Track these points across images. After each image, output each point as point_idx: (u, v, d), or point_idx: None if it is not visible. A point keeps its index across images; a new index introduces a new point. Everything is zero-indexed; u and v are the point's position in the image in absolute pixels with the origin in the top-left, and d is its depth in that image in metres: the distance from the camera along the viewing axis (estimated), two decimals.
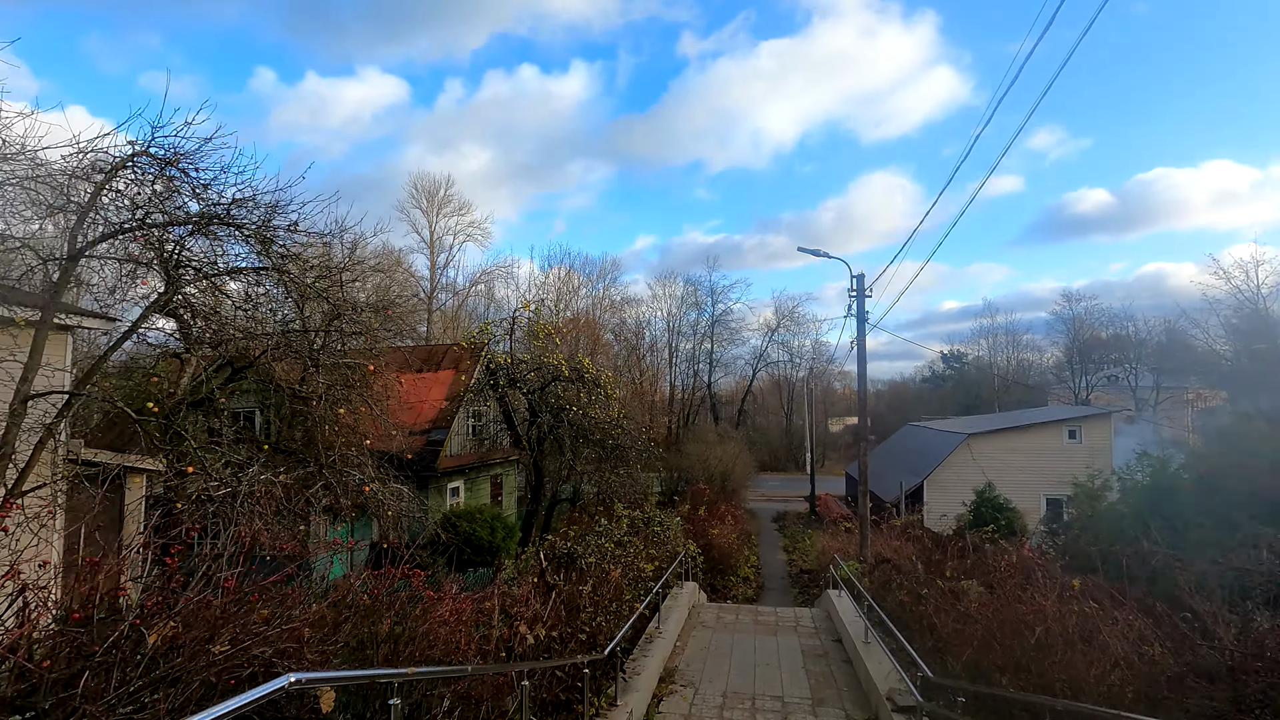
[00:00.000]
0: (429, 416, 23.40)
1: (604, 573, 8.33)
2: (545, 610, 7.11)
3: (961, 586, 9.41)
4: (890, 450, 36.45)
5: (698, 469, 31.66)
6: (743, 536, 24.34)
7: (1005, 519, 19.75)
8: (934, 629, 7.99)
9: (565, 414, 18.47)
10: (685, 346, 66.46)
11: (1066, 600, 6.40)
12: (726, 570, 20.31)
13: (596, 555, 8.62)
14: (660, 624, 10.35)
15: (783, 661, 9.98)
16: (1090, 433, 27.58)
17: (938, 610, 8.10)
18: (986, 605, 6.83)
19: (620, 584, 8.55)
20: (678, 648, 10.53)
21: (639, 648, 9.19)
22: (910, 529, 20.64)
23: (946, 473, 27.44)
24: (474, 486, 25.00)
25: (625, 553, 9.53)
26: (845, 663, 9.97)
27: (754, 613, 13.22)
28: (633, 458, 19.14)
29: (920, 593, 9.02)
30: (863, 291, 17.65)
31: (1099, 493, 15.03)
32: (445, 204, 62.98)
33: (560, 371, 19.08)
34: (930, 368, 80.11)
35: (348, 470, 10.35)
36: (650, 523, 13.19)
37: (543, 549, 8.56)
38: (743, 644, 10.85)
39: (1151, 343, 59.13)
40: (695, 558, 16.58)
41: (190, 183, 8.51)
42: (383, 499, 10.59)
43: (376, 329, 12.21)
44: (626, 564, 9.17)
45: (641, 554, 10.71)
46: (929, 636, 8.47)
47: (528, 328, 19.22)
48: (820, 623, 12.59)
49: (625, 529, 10.71)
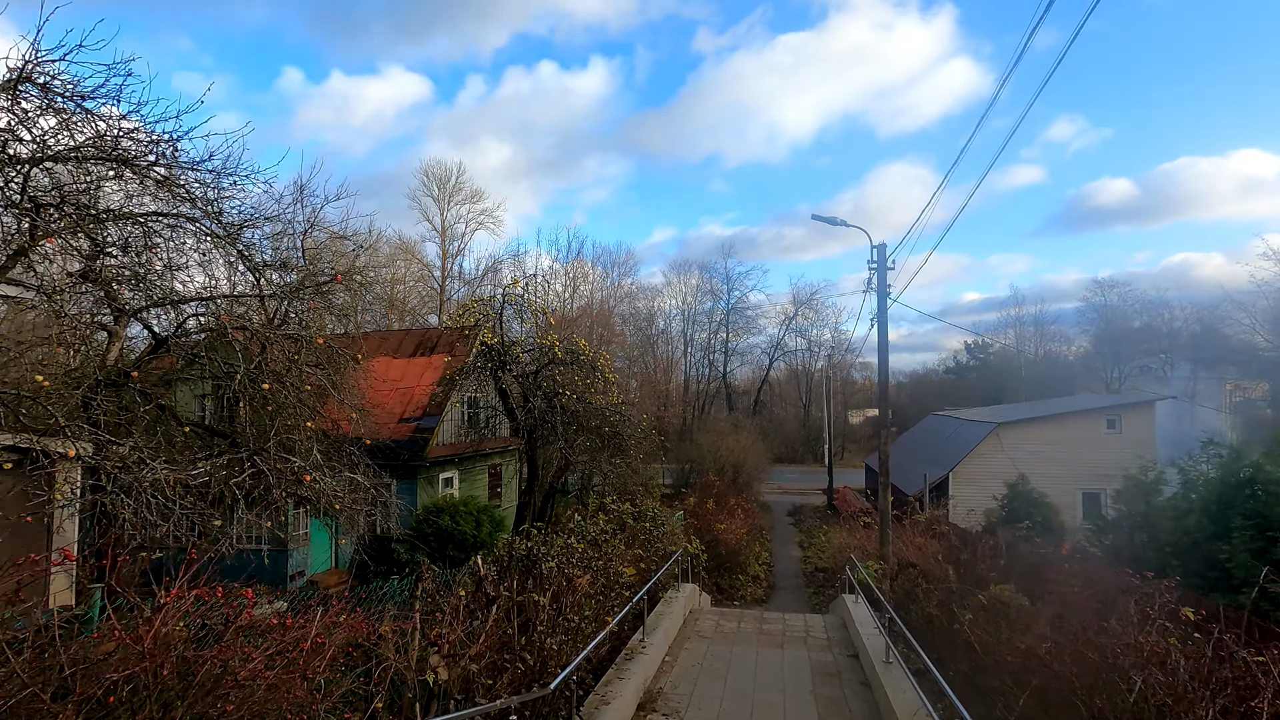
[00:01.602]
0: (420, 403, 22.15)
1: (568, 579, 6.90)
2: (486, 629, 5.67)
3: (1001, 594, 7.84)
4: (912, 441, 34.60)
5: (709, 460, 30.16)
6: (753, 531, 22.80)
7: (1041, 515, 17.99)
8: (973, 653, 6.45)
9: (559, 399, 17.04)
10: (700, 336, 64.91)
11: (1146, 627, 4.83)
12: (734, 568, 18.80)
13: (563, 557, 7.18)
14: (645, 636, 8.89)
15: (788, 683, 8.46)
16: (1131, 422, 25.57)
17: (975, 631, 6.53)
18: (1040, 633, 5.22)
19: (588, 593, 7.11)
20: (665, 664, 9.06)
21: (615, 667, 7.73)
22: (935, 525, 18.94)
23: (973, 465, 25.62)
24: (469, 477, 23.71)
25: (600, 554, 8.09)
26: (862, 685, 8.43)
27: (759, 620, 11.71)
28: (631, 446, 17.69)
29: (953, 608, 7.46)
30: (884, 263, 15.98)
31: (1153, 486, 13.28)
32: (456, 192, 61.97)
33: (554, 354, 17.63)
34: (954, 358, 77.64)
35: (286, 457, 8.99)
36: (642, 517, 11.74)
37: (497, 549, 7.17)
38: (743, 659, 9.35)
39: (1186, 332, 56.60)
40: (698, 556, 15.10)
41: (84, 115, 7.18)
42: (330, 490, 9.22)
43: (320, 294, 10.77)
44: (600, 568, 7.73)
45: (624, 555, 9.26)
46: (964, 659, 6.92)
47: (520, 306, 17.83)
48: (834, 633, 11.04)
49: (603, 525, 9.26)
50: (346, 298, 15.33)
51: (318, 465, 9.53)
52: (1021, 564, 11.17)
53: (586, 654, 6.31)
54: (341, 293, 13.63)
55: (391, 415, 22.20)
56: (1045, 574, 8.21)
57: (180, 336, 9.49)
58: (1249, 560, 8.64)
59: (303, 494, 9.06)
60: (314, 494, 8.94)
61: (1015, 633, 5.67)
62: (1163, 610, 4.65)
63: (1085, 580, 6.65)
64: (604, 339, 51.93)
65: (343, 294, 13.80)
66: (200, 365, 9.98)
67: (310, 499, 9.03)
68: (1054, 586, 8.36)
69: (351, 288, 13.33)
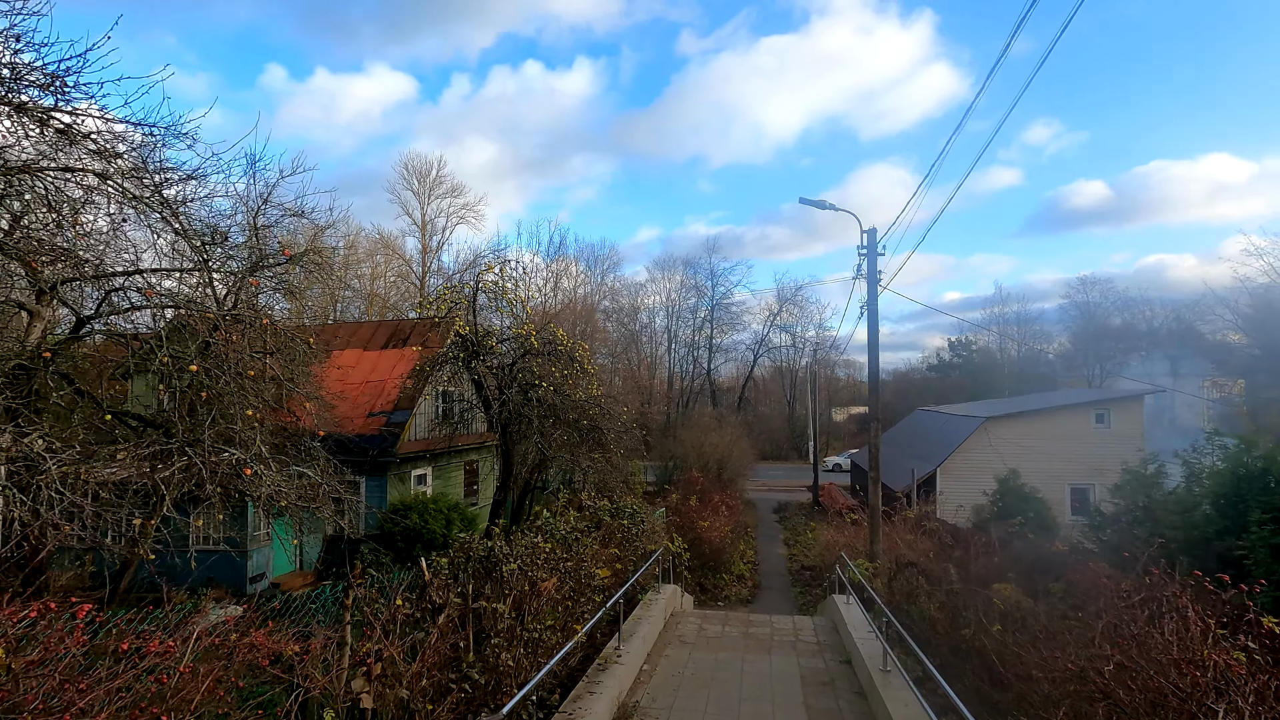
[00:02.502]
0: (391, 397, 21.20)
1: (532, 583, 6.11)
2: (431, 643, 4.86)
3: (1019, 599, 7.17)
4: (899, 437, 34.14)
5: (692, 456, 29.44)
6: (738, 529, 22.12)
7: (1034, 511, 17.47)
8: (983, 663, 5.74)
9: (535, 391, 16.19)
10: (685, 332, 64.29)
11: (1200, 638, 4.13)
12: (718, 567, 18.10)
13: (527, 558, 6.38)
14: (621, 643, 8.12)
15: (777, 693, 7.73)
16: (1120, 416, 25.22)
17: (988, 638, 5.82)
18: (1096, 649, 4.42)
19: (555, 597, 6.33)
20: (644, 674, 8.29)
21: (586, 680, 6.96)
22: (924, 521, 18.38)
23: (962, 460, 25.14)
24: (444, 474, 22.81)
25: (571, 554, 7.31)
26: (858, 696, 7.73)
27: (744, 623, 10.98)
28: (611, 441, 16.90)
29: (958, 611, 6.76)
30: (874, 248, 15.33)
31: (1153, 480, 12.74)
32: (437, 185, 60.89)
33: (530, 344, 16.78)
34: (937, 355, 77.76)
35: (225, 449, 8.09)
36: (619, 514, 10.97)
37: (452, 550, 6.37)
38: (727, 667, 8.62)
39: (1165, 330, 57.17)
40: (680, 555, 14.37)
41: None
42: (275, 486, 8.32)
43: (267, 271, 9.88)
44: (569, 569, 6.95)
45: (598, 555, 8.47)
46: (974, 669, 6.21)
47: (495, 294, 16.95)
48: (825, 636, 10.34)
49: (574, 523, 8.48)
50: (303, 278, 14.38)
51: (263, 459, 8.63)
52: (1019, 562, 10.56)
53: (551, 668, 5.53)
54: (300, 273, 12.72)
55: (361, 409, 21.23)
56: (1065, 574, 7.55)
57: (104, 315, 8.54)
58: (1268, 557, 8.08)
59: (242, 489, 8.16)
60: (255, 489, 8.03)
61: (1042, 643, 4.97)
62: (1219, 616, 3.99)
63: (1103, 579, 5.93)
64: (587, 334, 51.09)
65: (301, 274, 12.88)
66: (133, 349, 9.03)
67: (251, 495, 8.13)
68: (1073, 585, 7.71)
69: (307, 267, 12.42)
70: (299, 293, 13.86)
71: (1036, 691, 4.63)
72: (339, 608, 7.74)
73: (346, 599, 4.57)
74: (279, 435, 12.71)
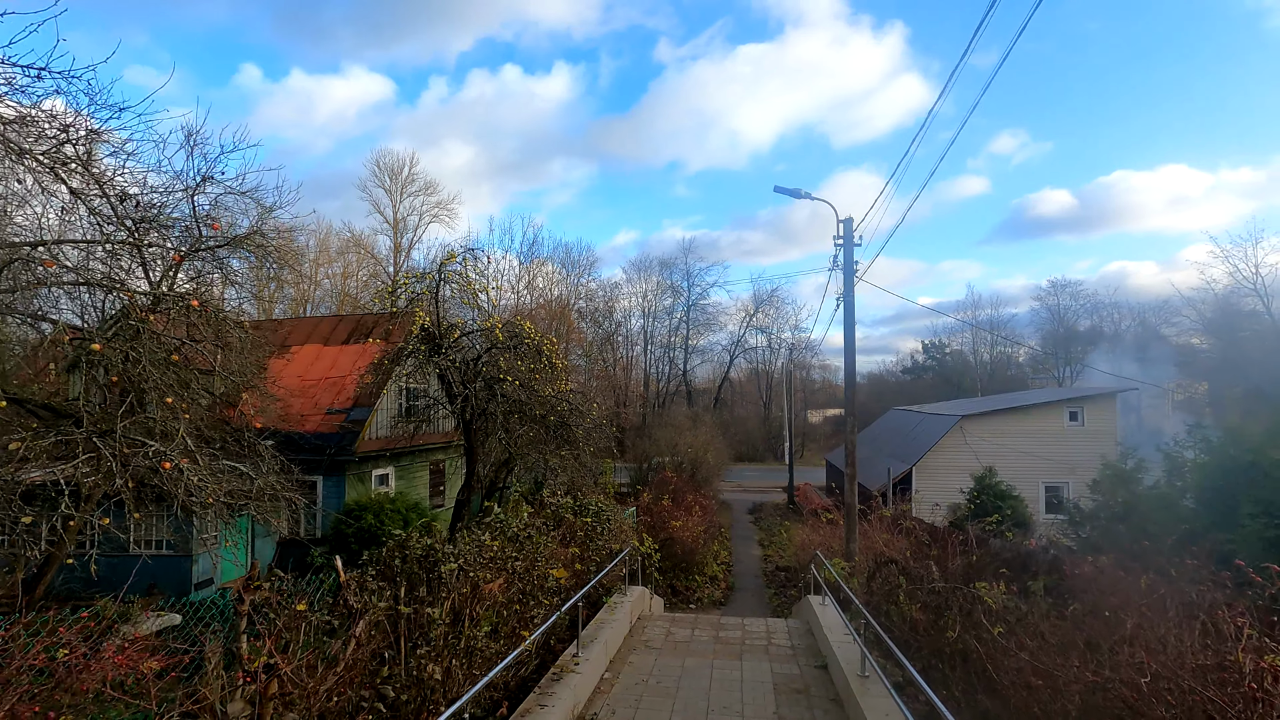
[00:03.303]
0: (351, 393, 20.30)
1: (474, 585, 5.46)
2: (346, 654, 4.19)
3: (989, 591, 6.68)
4: (874, 437, 33.94)
5: (666, 456, 28.85)
6: (712, 529, 21.56)
7: (1010, 508, 17.19)
8: (969, 666, 5.22)
9: (500, 386, 15.47)
10: (661, 333, 63.77)
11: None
12: (691, 568, 17.52)
13: (470, 557, 5.72)
14: (580, 650, 7.48)
15: (747, 703, 7.15)
16: (1094, 414, 25.20)
17: (975, 640, 5.30)
18: (1126, 657, 3.85)
19: (501, 600, 5.68)
20: (604, 682, 7.66)
21: (538, 691, 6.30)
22: (901, 520, 18.00)
23: (938, 459, 24.91)
24: (407, 475, 21.92)
25: (522, 552, 6.65)
26: (834, 703, 7.18)
27: (715, 627, 10.39)
28: (579, 438, 16.24)
29: (942, 611, 6.24)
30: (850, 239, 14.91)
31: (1133, 475, 12.45)
32: (409, 183, 59.77)
33: (495, 336, 16.04)
34: (911, 358, 78.48)
35: (142, 440, 7.29)
36: (583, 512, 10.33)
37: (385, 549, 5.69)
38: (695, 674, 8.02)
39: (1131, 333, 58.36)
40: (650, 555, 13.75)
41: None
42: (199, 481, 7.53)
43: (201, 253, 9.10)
44: (519, 571, 6.29)
45: (557, 554, 7.82)
46: (960, 674, 5.69)
47: (460, 285, 16.19)
48: (799, 639, 9.80)
49: (527, 519, 7.81)
50: (254, 266, 13.54)
51: (187, 452, 7.83)
52: (997, 560, 10.15)
53: (491, 680, 4.87)
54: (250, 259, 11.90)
55: (319, 406, 20.30)
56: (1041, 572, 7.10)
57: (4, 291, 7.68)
58: (1261, 551, 7.73)
59: (158, 484, 7.36)
60: (174, 486, 7.24)
61: (1049, 648, 4.45)
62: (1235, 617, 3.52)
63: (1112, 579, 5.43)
64: (562, 335, 50.28)
65: (253, 261, 12.05)
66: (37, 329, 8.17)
67: (168, 490, 7.33)
68: (1053, 584, 7.25)
69: (253, 251, 11.59)
70: (246, 279, 13.01)
71: (1036, 701, 4.10)
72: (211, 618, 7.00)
73: (240, 604, 3.89)
74: (218, 429, 11.86)
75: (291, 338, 23.39)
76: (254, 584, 3.96)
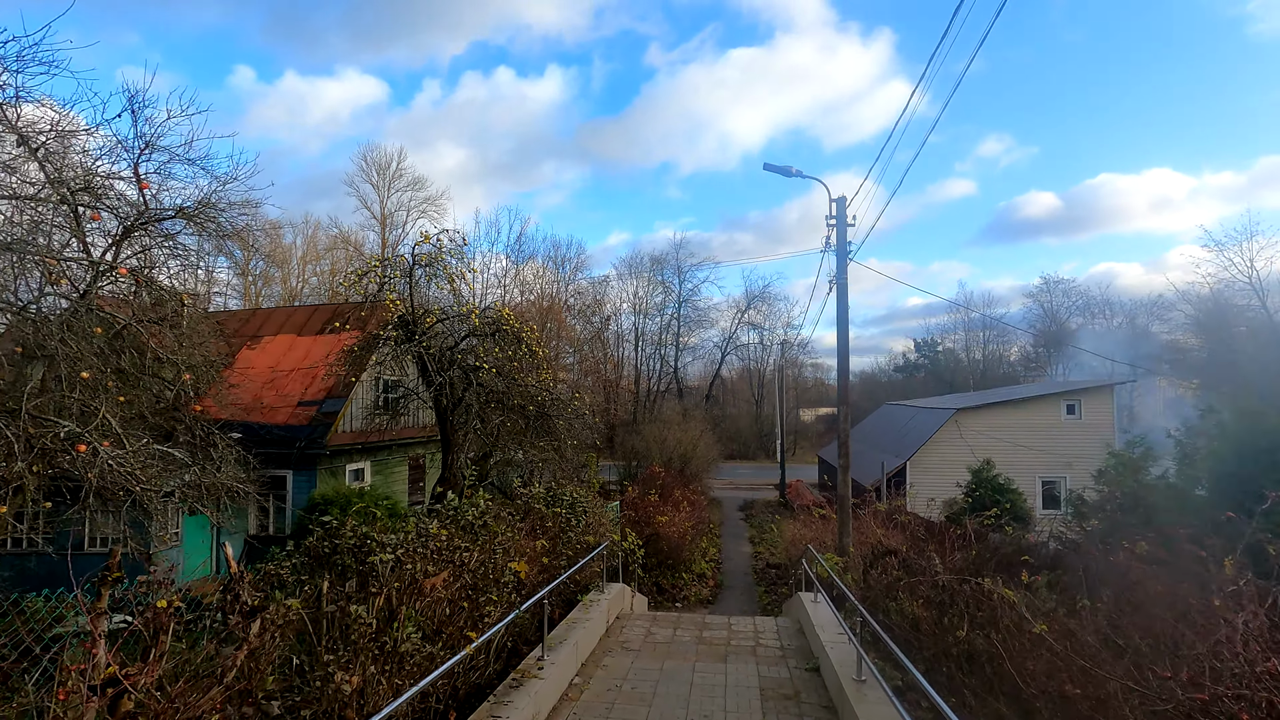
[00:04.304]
0: (325, 384, 19.46)
1: (412, 579, 4.71)
2: (233, 663, 3.43)
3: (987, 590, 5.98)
4: (867, 432, 33.31)
5: (655, 451, 28.09)
6: (701, 526, 20.84)
7: (1009, 501, 16.57)
8: (978, 668, 4.51)
9: (477, 374, 14.70)
10: (652, 330, 63.05)
11: None
12: (678, 566, 16.80)
13: (414, 545, 4.97)
14: (546, 652, 6.73)
15: (731, 712, 6.42)
16: (1091, 407, 24.63)
17: (985, 641, 4.58)
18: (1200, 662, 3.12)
19: (445, 596, 4.94)
20: (573, 687, 6.92)
21: (492, 700, 5.55)
22: (896, 514, 17.34)
23: (932, 453, 24.29)
24: (385, 470, 21.10)
25: (477, 543, 5.90)
26: (826, 711, 6.46)
27: (699, 626, 9.66)
28: (561, 429, 15.49)
29: (946, 608, 5.52)
30: (843, 218, 14.23)
31: (1140, 463, 11.81)
32: (397, 178, 58.87)
33: (472, 322, 15.28)
34: (904, 357, 78.08)
35: (53, 420, 6.49)
36: (556, 502, 9.58)
37: (311, 538, 4.95)
38: (675, 679, 7.29)
39: (1120, 333, 58.30)
40: (634, 551, 13.01)
41: None
42: (120, 467, 6.73)
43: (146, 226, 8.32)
44: (470, 564, 5.53)
45: (521, 547, 7.06)
46: (969, 679, 4.97)
47: (434, 268, 15.40)
48: (789, 639, 9.09)
49: (484, 506, 7.02)
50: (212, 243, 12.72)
51: (110, 433, 7.04)
52: (997, 554, 9.49)
53: (421, 689, 4.12)
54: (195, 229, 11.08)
55: (291, 398, 19.46)
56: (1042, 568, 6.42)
57: None
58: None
59: (67, 467, 6.56)
60: (86, 469, 6.45)
61: (1082, 650, 3.75)
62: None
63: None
64: (552, 332, 49.45)
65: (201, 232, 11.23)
66: None
67: (76, 474, 6.54)
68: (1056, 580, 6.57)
69: (202, 225, 10.77)
70: (199, 255, 12.19)
71: (1073, 714, 3.39)
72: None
73: (98, 599, 3.14)
74: (164, 416, 11.05)
75: (265, 328, 22.53)
76: (112, 575, 3.21)
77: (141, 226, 10.47)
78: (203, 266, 23.90)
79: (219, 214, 10.68)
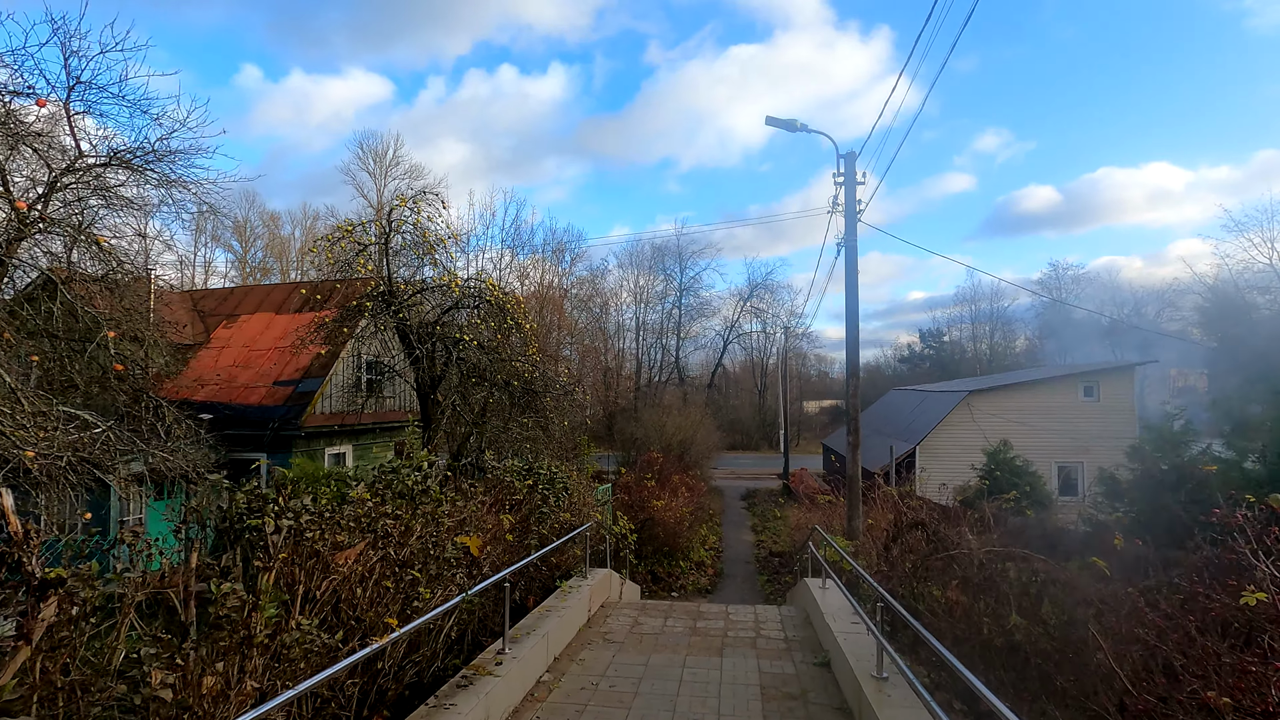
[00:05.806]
0: (302, 364, 18.46)
1: (316, 554, 3.69)
2: (15, 662, 2.38)
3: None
4: (874, 418, 32.20)
5: (654, 438, 27.05)
6: (700, 513, 19.81)
7: (1028, 484, 15.49)
8: (1034, 668, 3.47)
9: (458, 349, 13.66)
10: (653, 319, 61.90)
11: None
12: (675, 553, 15.78)
13: (326, 511, 3.96)
14: (508, 645, 5.70)
15: (725, 715, 5.39)
16: (1110, 389, 23.48)
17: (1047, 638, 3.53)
18: None
19: (360, 575, 3.91)
20: (541, 685, 5.88)
21: (433, 703, 4.52)
22: (906, 498, 16.31)
23: (943, 437, 23.20)
24: (368, 454, 20.08)
25: (416, 513, 4.87)
26: (839, 713, 5.42)
27: (693, 616, 8.62)
28: (549, 406, 14.47)
29: (980, 594, 4.46)
30: (852, 176, 13.16)
31: (1181, 437, 10.73)
32: (394, 166, 57.81)
33: (452, 292, 14.23)
34: (909, 348, 76.83)
35: None
36: (532, 475, 8.53)
37: (192, 500, 3.93)
38: (662, 676, 6.25)
39: (1125, 324, 57.16)
40: (626, 537, 12.00)
41: None
42: (13, 431, 5.71)
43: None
44: (398, 536, 4.49)
45: (482, 520, 6.02)
46: (1026, 682, 3.93)
47: (415, 237, 14.37)
48: (795, 630, 8.04)
49: (427, 469, 5.98)
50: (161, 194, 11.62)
51: (7, 394, 6.02)
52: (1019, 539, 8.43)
53: (307, 691, 3.08)
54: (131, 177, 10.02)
55: (267, 378, 18.46)
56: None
57: None
58: None
59: None
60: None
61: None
62: None
63: None
64: (553, 324, 48.37)
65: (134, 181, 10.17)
66: None
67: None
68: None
69: (144, 174, 9.72)
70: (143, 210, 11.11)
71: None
72: None
73: None
74: (109, 389, 10.04)
75: (242, 306, 21.52)
76: None
77: (72, 173, 9.46)
78: (153, 225, 22.75)
79: (159, 161, 9.62)
